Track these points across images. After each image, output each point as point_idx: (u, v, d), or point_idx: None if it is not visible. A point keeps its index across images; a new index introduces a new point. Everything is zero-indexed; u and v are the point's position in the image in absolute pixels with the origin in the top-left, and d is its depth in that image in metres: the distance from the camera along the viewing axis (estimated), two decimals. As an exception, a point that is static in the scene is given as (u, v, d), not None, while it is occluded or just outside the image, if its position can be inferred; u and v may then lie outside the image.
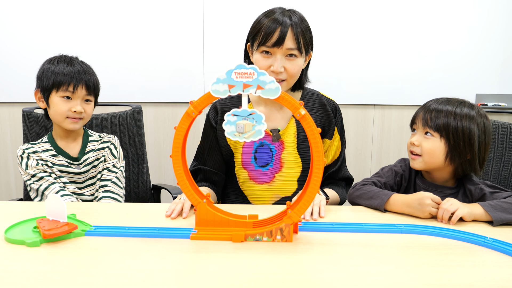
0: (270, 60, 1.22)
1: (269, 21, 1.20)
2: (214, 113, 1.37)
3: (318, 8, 2.33)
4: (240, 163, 1.33)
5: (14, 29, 2.31)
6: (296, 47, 1.20)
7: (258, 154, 1.31)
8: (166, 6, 2.32)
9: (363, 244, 0.90)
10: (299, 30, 1.21)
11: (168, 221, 1.04)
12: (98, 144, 1.39)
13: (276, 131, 1.30)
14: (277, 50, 1.20)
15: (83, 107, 1.31)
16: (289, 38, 1.19)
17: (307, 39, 1.24)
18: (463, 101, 1.15)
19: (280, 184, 1.32)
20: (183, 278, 0.76)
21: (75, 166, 1.34)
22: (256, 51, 1.24)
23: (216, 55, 2.36)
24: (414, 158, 1.18)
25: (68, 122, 1.30)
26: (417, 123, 1.18)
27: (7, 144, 2.44)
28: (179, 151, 0.92)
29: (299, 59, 1.24)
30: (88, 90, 1.31)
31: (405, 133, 2.46)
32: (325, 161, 0.91)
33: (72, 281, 0.73)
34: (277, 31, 1.18)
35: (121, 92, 2.36)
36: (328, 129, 1.34)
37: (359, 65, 2.39)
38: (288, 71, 1.22)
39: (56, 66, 1.29)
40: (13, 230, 0.94)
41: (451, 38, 2.35)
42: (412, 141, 1.17)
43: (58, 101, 1.29)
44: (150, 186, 1.79)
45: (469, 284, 0.73)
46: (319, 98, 1.37)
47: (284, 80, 1.24)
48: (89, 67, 1.35)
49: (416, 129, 1.19)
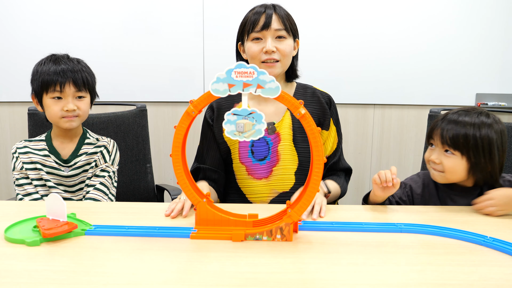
0: (261, 43, 1.28)
1: (252, 13, 1.29)
2: (210, 112, 1.40)
3: (318, 8, 2.33)
4: (237, 158, 1.35)
5: (14, 29, 2.30)
6: (283, 28, 1.27)
7: (255, 148, 1.33)
8: (166, 6, 2.32)
9: (363, 244, 0.90)
10: (283, 14, 1.29)
11: (168, 220, 1.04)
12: (92, 148, 1.35)
13: (271, 124, 1.33)
14: (266, 33, 1.27)
15: (75, 104, 1.28)
16: (275, 20, 1.27)
17: (292, 23, 1.32)
18: (477, 111, 1.15)
19: (277, 178, 1.32)
20: (183, 277, 0.76)
21: (64, 168, 1.32)
22: (247, 40, 1.30)
23: (216, 54, 2.36)
24: (436, 172, 1.17)
25: (63, 121, 1.28)
26: (435, 139, 1.16)
27: (7, 143, 2.44)
28: (179, 151, 0.92)
29: (289, 40, 1.30)
30: (77, 87, 1.27)
31: (405, 133, 2.46)
32: (325, 160, 0.91)
33: (72, 280, 0.73)
34: (262, 16, 1.27)
35: (120, 91, 2.36)
36: (324, 120, 1.37)
37: (359, 64, 2.38)
38: (280, 50, 1.28)
39: (43, 67, 1.27)
40: (13, 229, 0.94)
41: (451, 38, 2.35)
42: (433, 159, 1.16)
43: (50, 103, 1.27)
44: (154, 186, 1.78)
45: (469, 284, 0.73)
46: (312, 92, 1.40)
47: (278, 60, 1.28)
48: (78, 63, 1.31)
49: (434, 144, 1.17)
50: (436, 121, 1.18)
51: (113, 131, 1.66)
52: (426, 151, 1.22)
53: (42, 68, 1.27)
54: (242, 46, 1.34)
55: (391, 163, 2.50)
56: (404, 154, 2.49)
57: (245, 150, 1.34)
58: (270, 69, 1.28)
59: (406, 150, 2.49)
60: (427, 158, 1.19)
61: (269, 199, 1.33)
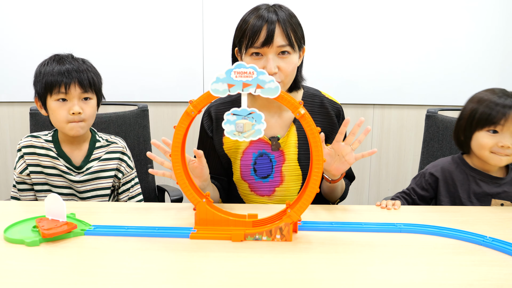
0: (262, 62, 1.12)
1: (253, 19, 1.11)
2: (208, 121, 1.31)
3: (318, 7, 2.33)
4: (239, 175, 1.29)
5: (13, 28, 2.30)
6: (287, 43, 1.11)
7: (258, 165, 1.26)
8: (166, 6, 2.32)
9: (362, 244, 0.90)
10: (288, 25, 1.11)
11: (168, 220, 1.04)
12: (104, 153, 1.30)
13: (276, 139, 1.24)
14: (268, 50, 1.11)
15: (81, 106, 1.21)
16: (278, 35, 1.10)
17: (298, 34, 1.15)
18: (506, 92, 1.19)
19: (280, 198, 1.28)
20: (182, 277, 0.76)
21: (76, 174, 1.27)
22: (245, 54, 1.14)
23: (216, 54, 2.36)
24: (504, 158, 1.17)
25: (69, 128, 1.21)
26: (504, 125, 1.14)
27: (6, 143, 2.44)
28: (179, 151, 0.92)
29: (293, 56, 1.14)
30: (83, 88, 1.21)
31: (405, 133, 2.46)
32: (324, 160, 0.91)
33: (71, 280, 0.73)
34: (263, 29, 1.09)
35: (120, 91, 2.36)
36: (331, 135, 1.26)
37: (359, 64, 2.38)
38: (282, 70, 1.13)
39: (46, 67, 1.21)
40: (13, 229, 0.94)
41: (451, 38, 2.35)
42: (507, 144, 1.14)
43: (55, 106, 1.20)
44: (155, 187, 1.78)
45: (468, 283, 0.73)
46: (320, 101, 1.28)
47: (280, 82, 1.14)
48: (84, 63, 1.25)
49: (500, 131, 1.15)
50: (491, 107, 1.16)
51: (114, 131, 1.65)
52: (483, 139, 1.17)
53: (45, 68, 1.21)
54: (240, 53, 1.19)
55: (391, 163, 2.50)
56: (404, 154, 2.49)
57: (247, 169, 1.27)
58: None
59: (405, 150, 2.49)
60: (490, 145, 1.16)
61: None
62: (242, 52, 1.16)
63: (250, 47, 1.12)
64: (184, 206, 1.15)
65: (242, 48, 1.15)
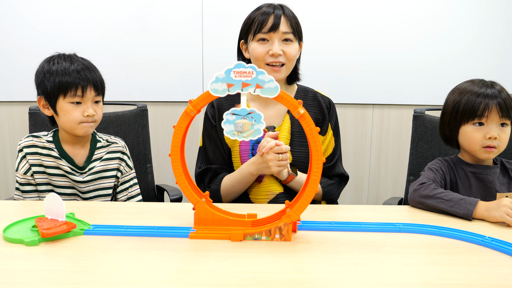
0: (267, 45, 1.26)
1: (260, 13, 1.27)
2: (212, 110, 1.38)
3: (318, 7, 2.33)
4: (238, 161, 1.34)
5: (13, 28, 2.30)
6: (291, 31, 1.26)
7: (255, 151, 1.33)
8: (166, 6, 2.32)
9: (362, 243, 0.91)
10: (292, 17, 1.28)
11: (167, 220, 1.04)
12: (105, 153, 1.31)
13: (272, 128, 1.33)
14: (274, 35, 1.25)
15: (94, 109, 1.21)
16: (284, 23, 1.26)
17: (299, 26, 1.31)
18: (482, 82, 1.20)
19: (270, 181, 1.32)
20: (182, 277, 0.75)
21: (79, 174, 1.26)
22: (252, 41, 1.28)
23: (215, 54, 2.36)
24: (491, 150, 1.16)
25: (80, 127, 1.20)
26: (489, 117, 1.14)
27: (5, 143, 2.44)
28: (178, 150, 0.92)
29: (295, 44, 1.29)
30: (96, 91, 1.22)
31: (404, 133, 2.46)
32: (323, 160, 0.91)
33: (70, 280, 0.73)
34: (271, 17, 1.25)
35: (119, 91, 2.36)
36: (322, 125, 1.36)
37: (358, 64, 2.38)
38: (286, 54, 1.27)
39: (57, 66, 1.17)
40: (12, 229, 0.94)
41: (451, 38, 2.35)
42: (494, 135, 1.14)
43: (68, 108, 1.18)
44: (154, 186, 1.78)
45: (468, 283, 0.73)
46: (313, 95, 1.39)
47: (283, 64, 1.27)
48: (90, 62, 1.25)
49: (485, 122, 1.15)
50: (473, 99, 1.16)
51: (114, 130, 1.65)
52: (471, 134, 1.16)
53: (55, 67, 1.17)
54: (245, 45, 1.32)
55: (390, 163, 2.50)
56: (403, 154, 2.49)
57: (246, 154, 1.33)
58: (275, 73, 1.27)
59: (405, 149, 2.48)
60: (480, 140, 1.15)
61: (267, 200, 1.33)
62: (248, 40, 1.30)
63: (258, 33, 1.26)
64: (184, 206, 1.15)
65: (249, 36, 1.29)
